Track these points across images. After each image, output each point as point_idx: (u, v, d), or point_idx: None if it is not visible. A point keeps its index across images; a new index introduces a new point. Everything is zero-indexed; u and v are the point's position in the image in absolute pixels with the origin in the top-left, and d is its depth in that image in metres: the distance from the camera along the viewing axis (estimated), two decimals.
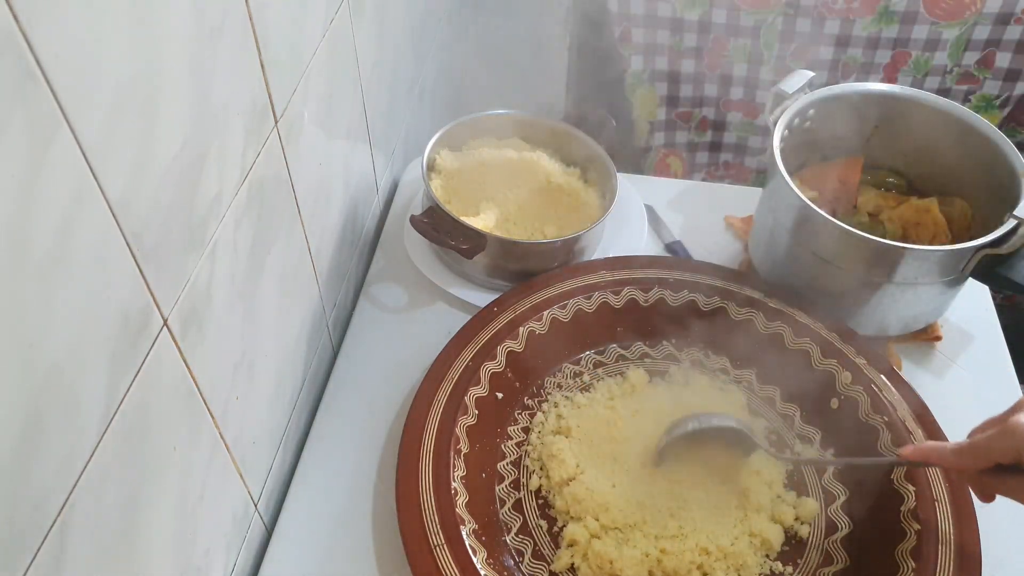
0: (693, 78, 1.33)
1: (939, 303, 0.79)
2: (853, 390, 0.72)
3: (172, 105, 0.44)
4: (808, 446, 0.72)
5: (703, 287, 0.79)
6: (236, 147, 0.53)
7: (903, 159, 0.86)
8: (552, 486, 0.69)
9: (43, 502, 0.38)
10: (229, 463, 0.58)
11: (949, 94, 1.21)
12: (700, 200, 0.97)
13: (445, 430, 0.67)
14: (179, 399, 0.50)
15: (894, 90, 0.83)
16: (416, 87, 1.04)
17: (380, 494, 0.69)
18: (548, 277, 0.80)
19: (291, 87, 0.61)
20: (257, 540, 0.66)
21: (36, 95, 0.33)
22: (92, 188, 0.38)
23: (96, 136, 0.37)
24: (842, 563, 0.65)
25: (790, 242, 0.78)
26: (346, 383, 0.77)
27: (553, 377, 0.77)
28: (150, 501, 0.47)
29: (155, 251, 0.44)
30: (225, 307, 0.54)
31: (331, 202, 0.75)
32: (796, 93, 0.81)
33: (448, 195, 0.86)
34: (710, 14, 1.23)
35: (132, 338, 0.43)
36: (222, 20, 0.48)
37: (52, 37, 0.33)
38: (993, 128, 0.78)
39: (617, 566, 0.63)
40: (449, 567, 0.59)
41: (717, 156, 1.44)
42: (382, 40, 0.85)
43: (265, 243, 0.60)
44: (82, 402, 0.39)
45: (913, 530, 0.62)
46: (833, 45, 1.21)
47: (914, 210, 0.83)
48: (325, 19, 0.67)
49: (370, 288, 0.86)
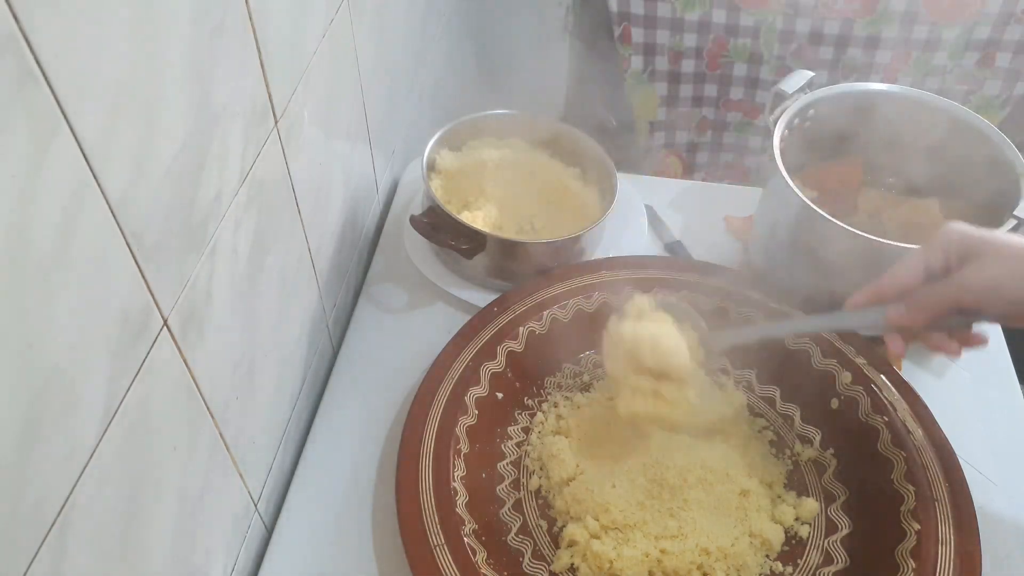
0: (693, 78, 1.33)
1: None
2: (853, 390, 0.72)
3: (172, 105, 0.44)
4: (808, 446, 0.72)
5: (703, 287, 0.79)
6: (236, 147, 0.53)
7: (903, 159, 0.86)
8: (552, 486, 0.69)
9: (43, 502, 0.38)
10: (229, 463, 0.58)
11: (949, 94, 1.21)
12: (700, 200, 0.97)
13: (445, 430, 0.67)
14: (179, 399, 0.50)
15: (894, 90, 0.83)
16: (416, 87, 1.04)
17: (380, 494, 0.69)
18: (548, 277, 0.80)
19: (291, 87, 0.61)
20: (257, 540, 0.66)
21: (36, 95, 0.33)
22: (92, 188, 0.38)
23: (96, 136, 0.37)
24: (842, 563, 0.65)
25: (790, 242, 0.78)
26: (346, 383, 0.77)
27: (553, 377, 0.77)
28: (150, 501, 0.47)
29: (155, 251, 0.44)
30: (225, 307, 0.54)
31: (331, 202, 0.75)
32: (796, 93, 0.81)
33: (448, 195, 0.86)
34: (710, 14, 1.23)
35: (132, 338, 0.43)
36: (222, 20, 0.48)
37: (52, 37, 0.33)
38: (993, 128, 0.78)
39: (617, 566, 0.62)
40: (449, 567, 0.59)
41: (717, 156, 1.44)
42: (382, 40, 0.85)
43: (265, 243, 0.60)
44: (82, 402, 0.39)
45: (913, 530, 0.62)
46: (833, 45, 1.21)
47: (914, 210, 0.83)
48: (325, 19, 0.67)
49: (370, 288, 0.86)
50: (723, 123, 1.39)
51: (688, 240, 0.91)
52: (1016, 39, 1.16)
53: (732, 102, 1.35)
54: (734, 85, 1.32)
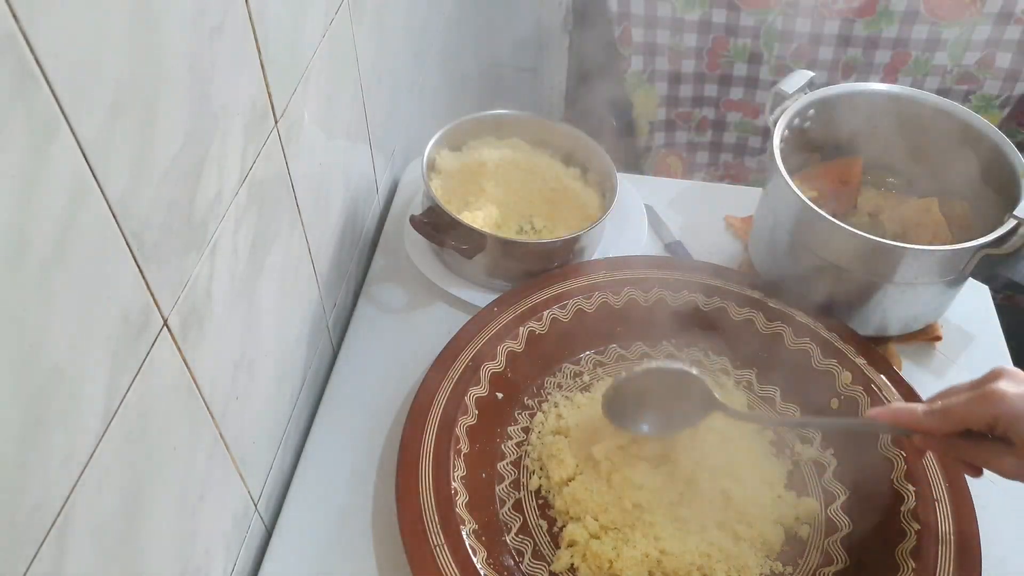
0: (693, 78, 1.33)
1: (939, 303, 0.79)
2: (853, 390, 0.72)
3: (172, 105, 0.44)
4: (808, 446, 0.72)
5: (703, 287, 0.79)
6: (236, 147, 0.53)
7: (903, 159, 0.86)
8: (552, 486, 0.69)
9: (43, 502, 0.38)
10: (229, 463, 0.58)
11: (949, 94, 1.21)
12: (700, 200, 0.97)
13: (445, 430, 0.67)
14: (179, 399, 0.50)
15: (894, 90, 0.83)
16: (416, 87, 1.04)
17: (380, 494, 0.69)
18: (548, 277, 0.80)
19: (291, 87, 0.61)
20: (257, 540, 0.66)
21: (36, 95, 0.33)
22: (92, 188, 0.38)
23: (96, 136, 0.37)
24: (842, 563, 0.65)
25: (790, 242, 0.78)
26: (346, 383, 0.77)
27: (553, 377, 0.77)
28: (150, 501, 0.47)
29: (155, 251, 0.44)
30: (225, 307, 0.54)
31: (331, 202, 0.75)
32: (796, 93, 0.81)
33: (448, 195, 0.86)
34: (710, 14, 1.23)
35: (132, 338, 0.43)
36: (222, 20, 0.48)
37: (52, 37, 0.33)
38: (993, 128, 0.78)
39: (617, 567, 0.62)
40: (449, 567, 0.59)
41: (717, 156, 1.45)
42: (382, 40, 0.85)
43: (265, 243, 0.60)
44: (82, 402, 0.39)
45: (913, 530, 0.62)
46: (833, 45, 1.21)
47: (914, 210, 0.83)
48: (325, 19, 0.67)
49: (370, 288, 0.86)
50: (723, 123, 1.39)
51: (688, 240, 0.91)
52: (1016, 39, 1.16)
53: (732, 102, 1.35)
54: (734, 85, 1.32)
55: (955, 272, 0.73)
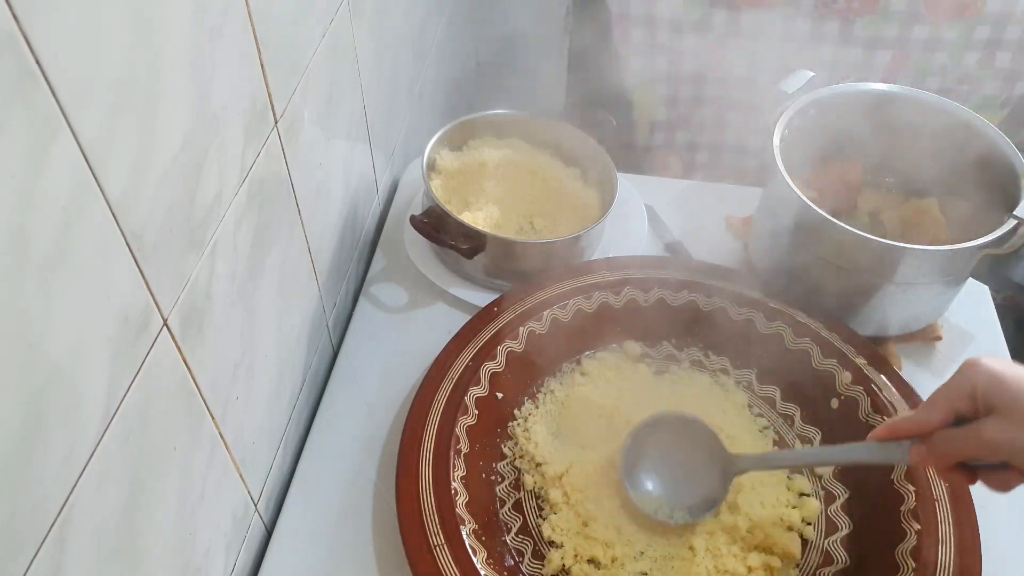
0: (693, 78, 1.33)
1: (939, 303, 0.79)
2: (853, 390, 0.72)
3: (172, 105, 0.44)
4: (808, 446, 0.72)
5: (703, 287, 0.79)
6: (236, 147, 0.53)
7: (903, 159, 0.86)
8: (546, 483, 0.69)
9: (43, 502, 0.38)
10: (229, 463, 0.58)
11: (949, 94, 1.21)
12: (700, 200, 0.97)
13: (445, 430, 0.67)
14: (179, 399, 0.50)
15: (894, 90, 0.83)
16: (416, 87, 1.04)
17: (380, 494, 0.69)
18: (548, 277, 0.80)
19: (291, 87, 0.61)
20: (257, 540, 0.66)
21: (36, 95, 0.33)
22: (92, 188, 0.38)
23: (96, 136, 0.37)
24: (842, 563, 0.65)
25: (790, 242, 0.78)
26: (346, 383, 0.77)
27: (553, 377, 0.77)
28: (150, 501, 0.47)
29: (155, 251, 0.44)
30: (225, 307, 0.54)
31: (331, 202, 0.75)
32: (796, 93, 0.81)
33: (448, 195, 0.86)
34: (710, 14, 1.23)
35: (132, 338, 0.43)
36: (222, 20, 0.48)
37: (52, 37, 0.33)
38: (993, 128, 0.78)
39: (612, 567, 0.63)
40: (449, 567, 0.59)
41: (717, 156, 1.44)
42: (382, 40, 0.85)
43: (265, 243, 0.60)
44: (82, 402, 0.39)
45: (913, 530, 0.62)
46: (833, 45, 1.21)
47: (914, 210, 0.83)
48: (325, 19, 0.67)
49: (370, 288, 0.86)
50: (723, 123, 1.39)
51: (688, 240, 0.91)
52: (1016, 39, 1.16)
53: (732, 102, 1.34)
54: (734, 85, 1.32)
55: (955, 272, 0.73)
